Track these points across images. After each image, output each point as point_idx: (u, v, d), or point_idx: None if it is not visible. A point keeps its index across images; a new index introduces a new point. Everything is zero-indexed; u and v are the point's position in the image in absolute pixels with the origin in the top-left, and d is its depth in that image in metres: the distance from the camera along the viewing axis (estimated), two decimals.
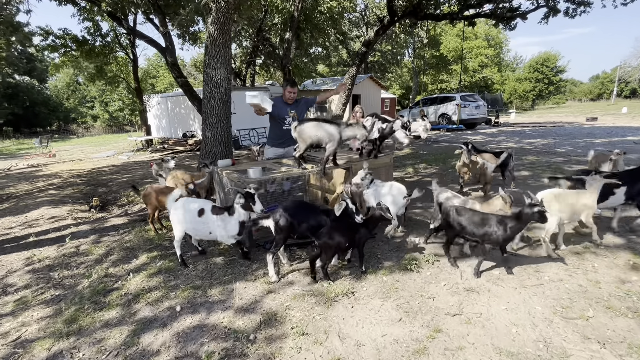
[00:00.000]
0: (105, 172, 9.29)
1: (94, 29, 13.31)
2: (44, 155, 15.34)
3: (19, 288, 3.01)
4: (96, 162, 11.61)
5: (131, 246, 3.75)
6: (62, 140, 27.10)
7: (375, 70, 31.70)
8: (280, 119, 4.59)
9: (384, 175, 4.37)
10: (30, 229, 4.63)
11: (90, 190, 7.14)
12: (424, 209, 4.80)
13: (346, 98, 13.49)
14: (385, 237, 3.76)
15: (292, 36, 12.69)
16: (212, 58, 5.29)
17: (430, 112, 17.76)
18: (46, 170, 10.47)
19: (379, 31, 12.36)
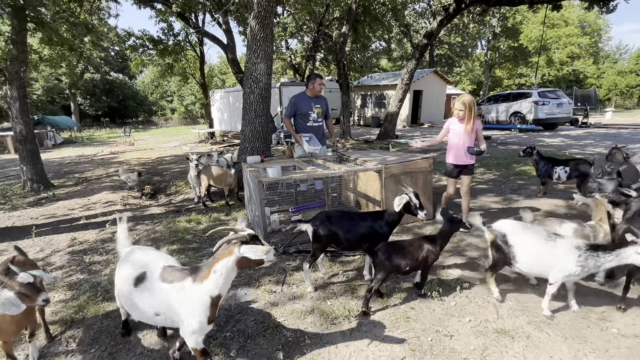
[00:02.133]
0: (166, 162, 10.06)
1: (168, 30, 14.50)
2: (125, 144, 17.30)
3: (56, 268, 3.28)
4: (162, 152, 12.68)
5: (157, 237, 3.88)
6: (144, 130, 30.46)
7: (442, 64, 29.64)
8: (304, 115, 4.40)
9: (422, 183, 3.89)
10: (86, 211, 5.12)
11: (147, 178, 7.74)
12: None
13: (403, 94, 12.73)
14: None
15: (349, 30, 12.32)
16: (252, 53, 5.26)
17: (500, 110, 15.99)
18: (121, 158, 11.73)
19: (443, 21, 11.37)
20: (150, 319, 1.85)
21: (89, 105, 36.38)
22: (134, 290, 1.80)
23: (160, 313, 1.78)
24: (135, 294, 1.81)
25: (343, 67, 12.49)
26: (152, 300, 1.77)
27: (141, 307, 1.81)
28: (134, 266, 1.87)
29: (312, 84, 4.34)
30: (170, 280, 1.76)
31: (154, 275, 1.80)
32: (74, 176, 8.55)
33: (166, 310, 1.76)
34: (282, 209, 4.73)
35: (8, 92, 6.57)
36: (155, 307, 1.77)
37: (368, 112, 22.95)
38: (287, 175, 3.41)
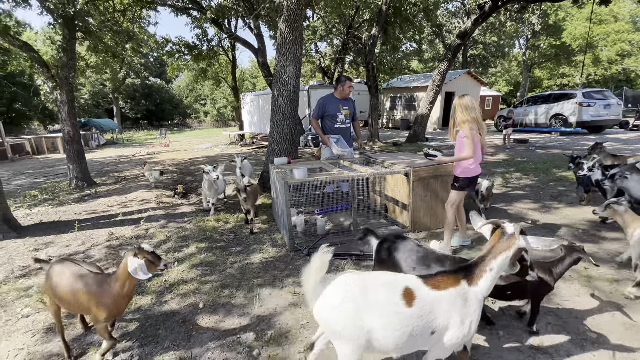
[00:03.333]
0: (197, 162, 10.43)
1: (202, 35, 15.07)
2: (161, 145, 18.14)
3: (93, 261, 3.47)
4: (195, 153, 13.17)
5: (187, 235, 4.01)
6: (178, 132, 31.84)
7: (476, 65, 28.59)
8: (332, 116, 4.39)
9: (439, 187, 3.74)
10: (123, 208, 5.40)
11: (180, 178, 8.06)
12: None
13: (434, 95, 12.39)
14: None
15: (379, 31, 12.19)
16: (281, 56, 5.32)
17: (539, 112, 15.14)
18: (157, 158, 12.31)
19: (477, 20, 10.95)
20: (422, 343, 1.55)
21: (129, 108, 38.56)
22: (406, 312, 1.46)
23: (437, 329, 1.51)
24: (406, 317, 1.46)
25: (372, 69, 12.37)
26: (429, 317, 1.49)
27: (416, 331, 1.48)
28: (384, 288, 1.52)
29: (341, 86, 4.33)
30: (440, 285, 1.54)
31: (418, 286, 1.54)
32: (114, 175, 9.07)
33: (443, 324, 1.51)
34: (308, 210, 4.73)
35: (58, 96, 7.09)
36: (432, 325, 1.50)
37: (397, 115, 22.58)
38: (313, 177, 3.40)
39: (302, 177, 3.36)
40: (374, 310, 1.46)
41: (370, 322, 1.45)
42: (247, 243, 3.70)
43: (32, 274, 3.24)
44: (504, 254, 1.58)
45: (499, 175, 6.65)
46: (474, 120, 3.04)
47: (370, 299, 1.48)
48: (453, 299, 1.52)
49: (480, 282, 1.56)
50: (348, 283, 1.54)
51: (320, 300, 1.54)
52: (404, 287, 1.51)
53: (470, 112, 3.05)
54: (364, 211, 4.56)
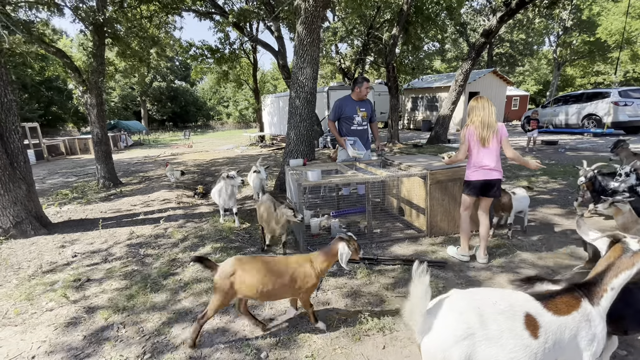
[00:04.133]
0: (218, 163, 10.64)
1: (225, 39, 15.41)
2: (184, 146, 18.67)
3: (115, 258, 3.60)
4: (216, 154, 13.46)
5: (204, 234, 4.08)
6: (202, 133, 32.66)
7: (502, 64, 27.64)
8: (348, 118, 4.35)
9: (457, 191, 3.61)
10: (145, 207, 5.58)
11: (200, 178, 8.25)
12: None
13: (456, 96, 12.07)
14: None
15: (399, 31, 12.01)
16: (299, 58, 5.34)
17: (570, 112, 14.42)
18: (180, 159, 12.67)
19: (503, 17, 10.57)
20: None
21: (156, 110, 39.97)
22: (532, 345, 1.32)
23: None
24: (533, 351, 1.32)
25: (392, 70, 12.20)
26: (555, 348, 1.36)
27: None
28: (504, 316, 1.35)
29: (358, 87, 4.29)
30: (562, 309, 1.41)
31: (539, 311, 1.38)
32: (138, 175, 9.40)
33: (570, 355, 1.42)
34: (324, 212, 4.70)
35: (88, 100, 7.44)
36: (558, 356, 1.39)
37: (419, 116, 22.18)
38: (327, 179, 3.38)
39: (316, 179, 3.34)
40: (496, 345, 1.29)
41: (492, 358, 1.29)
42: (260, 243, 3.73)
43: (59, 269, 3.40)
44: (626, 272, 1.43)
45: (524, 179, 6.38)
46: (473, 123, 2.96)
47: (492, 330, 1.30)
48: (578, 324, 1.37)
49: (602, 301, 1.43)
50: (462, 311, 1.34)
51: (433, 336, 1.34)
52: (524, 313, 1.34)
53: (471, 114, 2.98)
54: (380, 214, 4.49)
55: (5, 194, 4.17)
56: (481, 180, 3.03)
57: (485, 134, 2.93)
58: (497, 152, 3.03)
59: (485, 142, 2.96)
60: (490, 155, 2.99)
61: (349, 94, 4.48)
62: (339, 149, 4.63)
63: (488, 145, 2.97)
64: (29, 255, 3.76)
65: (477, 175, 3.04)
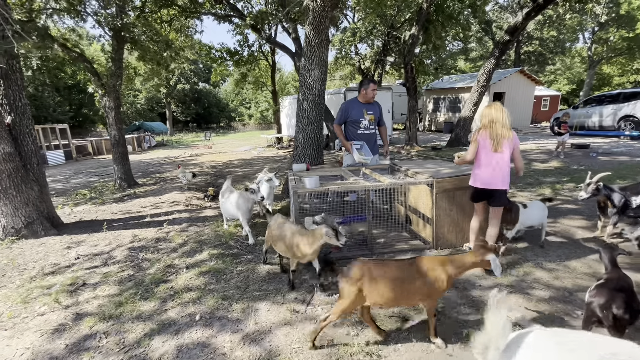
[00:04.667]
0: (233, 165, 10.71)
1: (244, 41, 15.57)
2: (205, 147, 19.03)
3: (114, 262, 3.61)
4: (233, 155, 13.58)
5: (203, 240, 4.03)
6: (223, 134, 33.28)
7: (531, 63, 26.37)
8: (355, 122, 4.17)
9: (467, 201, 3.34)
10: (154, 209, 5.63)
11: (213, 180, 8.30)
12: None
13: (478, 97, 11.56)
14: None
15: (419, 31, 11.65)
16: (307, 59, 5.23)
17: (605, 113, 13.50)
18: (197, 160, 12.88)
19: (530, 13, 10.01)
20: None
21: (180, 112, 41.16)
22: None
23: None
24: None
25: (411, 70, 11.86)
26: None
27: None
28: None
29: (364, 89, 4.11)
30: None
31: None
32: (155, 176, 9.60)
33: None
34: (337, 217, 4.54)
35: (106, 102, 7.65)
36: None
37: (440, 117, 21.53)
38: (325, 186, 3.22)
39: (313, 186, 3.20)
40: None
41: None
42: (259, 252, 3.62)
43: (60, 272, 3.44)
44: None
45: (548, 186, 5.94)
46: (485, 126, 2.87)
47: None
48: None
49: None
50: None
51: None
52: None
53: (485, 118, 2.87)
54: (386, 222, 4.27)
55: (17, 195, 4.30)
56: (479, 188, 2.93)
57: (497, 138, 2.79)
58: (507, 160, 2.81)
59: (498, 146, 2.80)
60: (498, 162, 2.82)
61: (355, 97, 4.31)
62: (345, 153, 4.46)
63: (499, 150, 2.80)
64: (35, 256, 3.84)
65: (477, 181, 2.93)
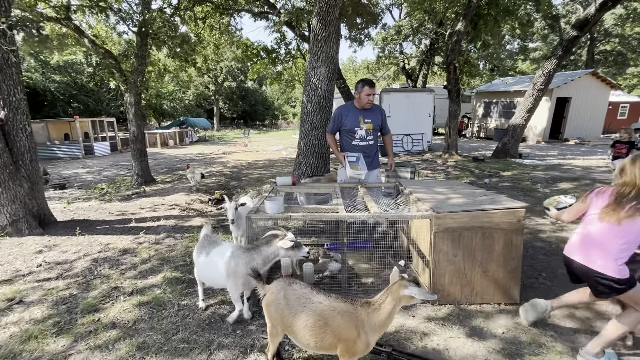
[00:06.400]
0: (255, 166, 10.39)
1: (281, 39, 15.29)
2: (241, 144, 19.20)
3: (69, 275, 3.28)
4: (262, 155, 13.34)
5: (168, 257, 3.58)
6: (265, 132, 33.73)
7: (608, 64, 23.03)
8: (349, 131, 3.44)
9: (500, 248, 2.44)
10: (149, 212, 5.37)
11: (226, 182, 7.99)
12: None
13: (534, 102, 10.02)
14: None
15: (466, 26, 10.39)
16: (313, 56, 4.59)
17: None
18: (227, 158, 12.82)
19: (605, 3, 8.35)
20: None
21: (227, 109, 42.66)
22: None
23: None
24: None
25: (454, 71, 10.63)
26: None
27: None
28: None
29: (358, 92, 3.39)
30: None
31: None
32: (178, 173, 9.57)
33: None
34: (317, 243, 3.87)
35: (128, 98, 7.67)
36: None
37: (491, 123, 19.57)
38: (285, 213, 2.55)
39: (274, 212, 2.55)
40: None
41: None
42: None
43: (13, 280, 3.18)
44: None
45: None
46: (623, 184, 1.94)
47: None
48: None
49: None
50: None
51: None
52: None
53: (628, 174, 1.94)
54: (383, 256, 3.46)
55: (4, 192, 4.21)
56: (568, 258, 2.11)
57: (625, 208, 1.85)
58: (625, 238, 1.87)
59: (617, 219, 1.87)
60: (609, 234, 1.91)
61: (351, 102, 3.59)
62: (340, 167, 3.75)
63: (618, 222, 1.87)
64: (4, 259, 3.67)
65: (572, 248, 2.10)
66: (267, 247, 2.23)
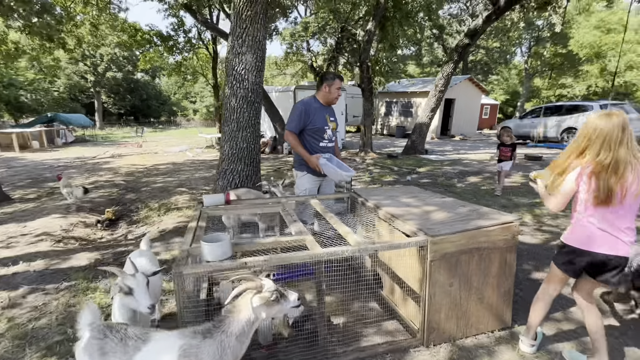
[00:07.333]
0: (157, 172, 8.72)
1: (179, 25, 13.41)
2: (133, 145, 16.34)
3: None
4: (162, 158, 11.45)
5: (36, 330, 2.34)
6: (162, 130, 29.94)
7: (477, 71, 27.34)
8: (318, 131, 2.86)
9: (496, 269, 2.14)
10: (2, 250, 3.71)
11: (120, 195, 6.37)
12: None
13: (436, 102, 10.90)
14: None
15: (375, 27, 10.66)
16: (236, 39, 3.72)
17: (549, 124, 13.81)
18: (117, 162, 10.56)
19: (490, 17, 9.50)
20: None
21: (112, 103, 36.50)
22: None
23: None
24: None
25: (367, 70, 10.83)
26: None
27: None
28: None
29: (327, 85, 2.84)
30: None
31: None
32: (47, 186, 7.31)
33: None
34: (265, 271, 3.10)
35: None
36: None
37: (393, 121, 21.13)
38: (236, 259, 1.75)
39: (219, 256, 1.73)
40: None
41: None
42: None
43: None
44: None
45: (526, 211, 5.13)
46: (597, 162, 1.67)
47: None
48: None
49: None
50: None
51: None
52: None
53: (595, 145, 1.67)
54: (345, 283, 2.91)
55: None
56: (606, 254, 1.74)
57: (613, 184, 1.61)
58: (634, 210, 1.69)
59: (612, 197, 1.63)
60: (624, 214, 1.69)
61: (312, 96, 2.96)
62: (299, 176, 3.04)
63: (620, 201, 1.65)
64: None
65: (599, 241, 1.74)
66: (234, 318, 1.37)
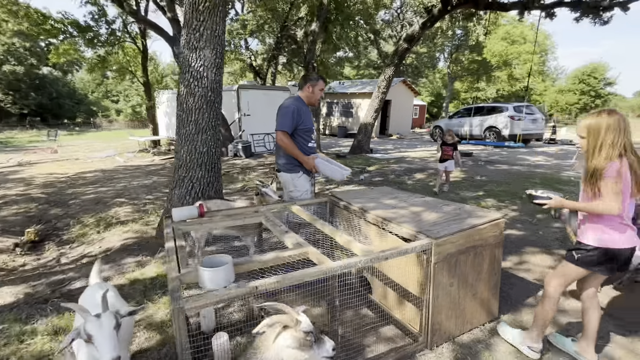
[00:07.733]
0: (83, 181, 7.59)
1: (100, 15, 11.87)
2: (46, 151, 14.10)
3: None
4: (87, 165, 10.04)
5: None
6: (80, 133, 26.43)
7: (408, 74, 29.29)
8: (307, 131, 2.73)
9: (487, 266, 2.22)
10: None
11: (42, 211, 5.38)
12: None
13: (379, 103, 11.36)
14: None
15: (319, 27, 10.72)
16: (192, 32, 3.35)
17: (474, 124, 15.35)
18: (28, 172, 8.96)
19: (425, 24, 10.18)
20: None
21: (12, 102, 31.12)
22: None
23: None
24: None
25: (313, 70, 10.83)
26: None
27: None
28: None
29: (311, 86, 2.74)
30: None
31: None
32: None
33: None
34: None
35: None
36: None
37: (334, 121, 21.57)
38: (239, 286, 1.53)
39: (222, 284, 1.48)
40: None
41: None
42: None
43: None
44: None
45: (473, 203, 5.57)
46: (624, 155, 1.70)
47: None
48: None
49: None
50: None
51: None
52: None
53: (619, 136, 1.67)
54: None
55: None
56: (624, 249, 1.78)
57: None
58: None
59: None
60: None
61: (297, 97, 2.80)
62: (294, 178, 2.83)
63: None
64: None
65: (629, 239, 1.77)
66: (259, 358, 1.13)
